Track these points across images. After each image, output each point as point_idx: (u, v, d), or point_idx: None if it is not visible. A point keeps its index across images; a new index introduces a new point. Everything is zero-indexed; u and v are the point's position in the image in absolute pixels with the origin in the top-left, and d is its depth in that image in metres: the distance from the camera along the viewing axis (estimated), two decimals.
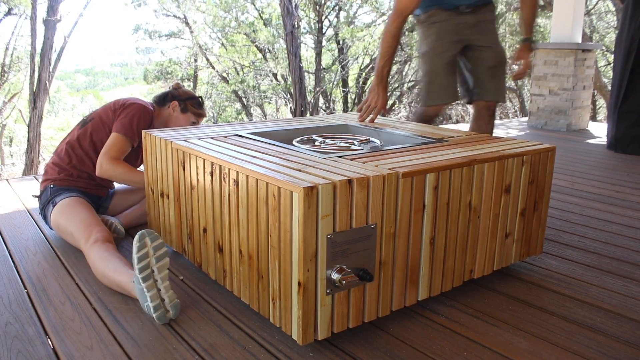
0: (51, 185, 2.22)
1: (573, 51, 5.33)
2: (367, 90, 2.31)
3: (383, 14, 11.27)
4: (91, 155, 2.27)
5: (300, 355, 1.43)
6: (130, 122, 2.23)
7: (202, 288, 1.84)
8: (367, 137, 2.11)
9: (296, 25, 9.33)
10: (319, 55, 10.99)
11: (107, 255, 1.83)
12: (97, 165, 2.20)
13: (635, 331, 1.56)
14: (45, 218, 2.24)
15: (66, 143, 2.31)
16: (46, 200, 2.22)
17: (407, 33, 10.82)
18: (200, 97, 2.58)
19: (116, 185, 2.62)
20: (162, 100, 2.44)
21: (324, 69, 11.38)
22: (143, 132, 2.14)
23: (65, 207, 2.12)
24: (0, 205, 2.86)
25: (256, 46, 11.67)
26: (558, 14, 5.44)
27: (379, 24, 11.50)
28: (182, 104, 2.43)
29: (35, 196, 2.34)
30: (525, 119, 6.48)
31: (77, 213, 2.09)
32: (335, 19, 11.60)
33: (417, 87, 11.57)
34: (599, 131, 5.55)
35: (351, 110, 11.63)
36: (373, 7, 11.23)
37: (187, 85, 12.40)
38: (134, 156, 2.38)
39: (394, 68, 11.57)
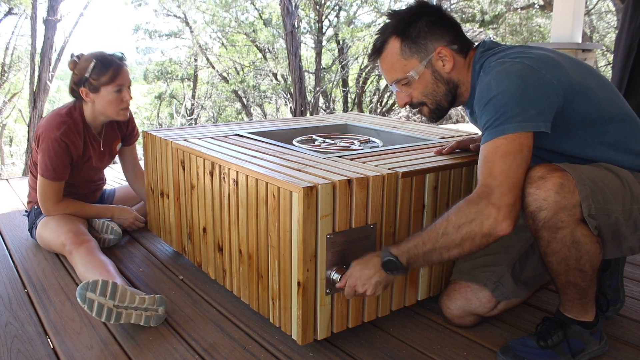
0: (35, 207, 2.21)
1: (573, 51, 5.33)
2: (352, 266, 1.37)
3: (383, 14, 11.27)
4: (64, 201, 2.15)
5: (300, 355, 1.43)
6: (45, 163, 2.02)
7: (202, 288, 1.84)
8: (367, 137, 2.11)
9: (296, 25, 9.33)
10: (319, 55, 10.99)
11: (86, 261, 1.80)
12: (43, 210, 2.10)
13: (635, 331, 1.56)
14: (34, 239, 2.23)
15: (30, 171, 2.24)
16: (31, 224, 2.21)
17: None
18: (97, 56, 2.01)
19: (116, 186, 2.61)
20: (76, 94, 2.08)
21: (324, 68, 11.38)
22: (143, 131, 2.14)
23: (42, 226, 2.11)
24: (0, 205, 2.86)
25: (256, 46, 11.67)
26: (558, 14, 5.44)
27: (379, 24, 11.50)
28: (87, 85, 2.01)
29: (25, 214, 2.32)
30: None
31: (49, 228, 2.07)
32: (335, 19, 11.60)
33: None
34: None
35: (351, 110, 11.64)
36: (373, 7, 11.23)
37: (187, 86, 12.40)
38: (84, 171, 2.18)
39: None
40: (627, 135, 1.35)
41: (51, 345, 1.49)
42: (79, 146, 2.10)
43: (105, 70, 1.99)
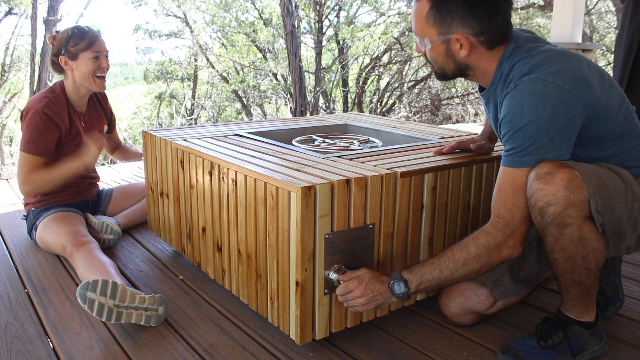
0: (33, 209, 2.20)
1: (573, 51, 5.32)
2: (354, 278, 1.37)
3: (383, 14, 11.27)
4: (35, 172, 2.12)
5: (300, 355, 1.43)
6: (26, 137, 2.02)
7: (202, 288, 1.84)
8: (367, 137, 2.11)
9: (296, 25, 9.33)
10: (319, 55, 10.99)
11: (86, 262, 1.80)
12: (21, 190, 2.07)
13: (635, 331, 1.56)
14: (34, 241, 2.23)
15: None
16: (30, 226, 2.21)
17: (406, 33, 10.83)
18: (73, 27, 2.12)
19: (114, 185, 2.62)
20: (57, 66, 2.14)
21: (324, 68, 11.38)
22: (143, 131, 2.14)
23: (43, 226, 2.11)
24: (0, 205, 2.86)
25: (256, 46, 11.67)
26: (558, 14, 5.44)
27: (379, 24, 11.50)
28: (66, 53, 2.09)
29: (23, 218, 2.33)
30: None
31: (50, 230, 2.07)
32: (335, 19, 11.59)
33: (417, 87, 11.57)
34: None
35: (351, 110, 11.63)
36: (373, 7, 11.23)
37: (187, 85, 12.41)
38: (73, 151, 2.14)
39: (394, 68, 11.56)
40: (627, 151, 1.37)
41: (51, 345, 1.49)
42: (64, 118, 2.10)
43: (82, 38, 2.08)
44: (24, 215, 2.29)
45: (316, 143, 2.01)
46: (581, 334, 1.36)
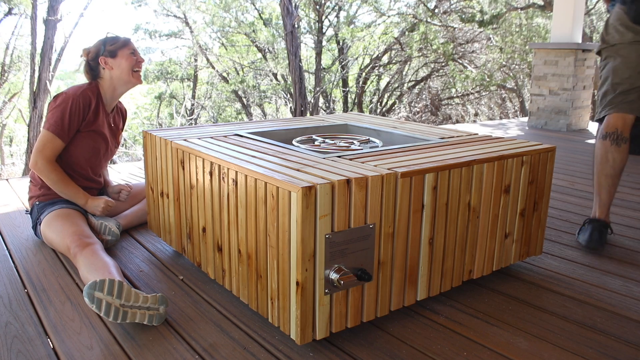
0: (37, 203, 2.21)
1: (573, 51, 5.33)
2: None
3: (383, 14, 11.27)
4: (55, 164, 2.17)
5: (300, 355, 1.43)
6: (58, 117, 2.11)
7: (202, 288, 1.84)
8: (367, 137, 2.11)
9: (296, 25, 9.33)
10: (319, 55, 11.00)
11: (89, 263, 1.79)
12: (31, 162, 2.11)
13: (635, 331, 1.56)
14: (39, 236, 2.24)
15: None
16: (35, 220, 2.22)
17: (406, 33, 10.82)
18: (107, 34, 2.37)
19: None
20: (94, 70, 2.27)
21: (324, 69, 11.38)
22: (143, 131, 2.14)
23: (47, 223, 2.11)
24: (0, 205, 2.86)
25: (256, 46, 11.67)
26: (558, 14, 5.44)
27: (379, 24, 11.50)
28: (106, 53, 2.24)
29: (27, 212, 2.33)
30: (525, 119, 6.48)
31: (54, 228, 2.07)
32: (335, 19, 11.60)
33: (417, 87, 11.56)
34: None
35: (351, 110, 11.63)
36: (373, 7, 11.23)
37: (187, 86, 12.42)
38: (90, 144, 2.23)
39: (394, 68, 11.56)
40: None
41: (51, 345, 1.49)
42: (93, 105, 2.21)
43: (117, 39, 2.28)
44: (27, 210, 2.30)
45: (316, 143, 2.01)
46: None
